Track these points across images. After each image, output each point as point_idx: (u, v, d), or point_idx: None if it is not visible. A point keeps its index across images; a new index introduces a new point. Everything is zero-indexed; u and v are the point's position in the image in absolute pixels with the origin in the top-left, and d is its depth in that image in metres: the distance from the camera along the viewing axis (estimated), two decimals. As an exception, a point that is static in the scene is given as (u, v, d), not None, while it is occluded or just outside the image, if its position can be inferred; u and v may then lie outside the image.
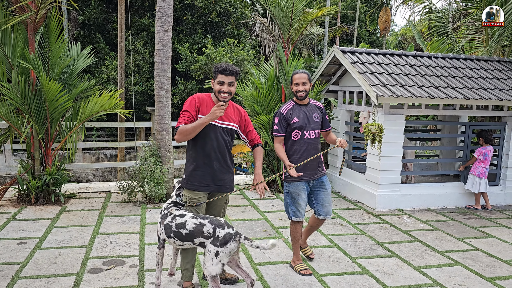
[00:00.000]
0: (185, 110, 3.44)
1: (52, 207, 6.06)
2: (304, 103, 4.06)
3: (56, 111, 6.09)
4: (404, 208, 6.70)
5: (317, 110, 4.10)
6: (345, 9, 28.14)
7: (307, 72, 4.02)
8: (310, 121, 3.99)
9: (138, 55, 13.13)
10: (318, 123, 4.05)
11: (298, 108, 4.03)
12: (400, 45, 36.07)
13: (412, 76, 6.77)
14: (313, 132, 4.01)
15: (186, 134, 3.37)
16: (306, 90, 3.97)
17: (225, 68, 3.36)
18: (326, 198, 4.13)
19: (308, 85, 3.96)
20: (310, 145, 4.00)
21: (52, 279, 3.86)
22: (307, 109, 4.03)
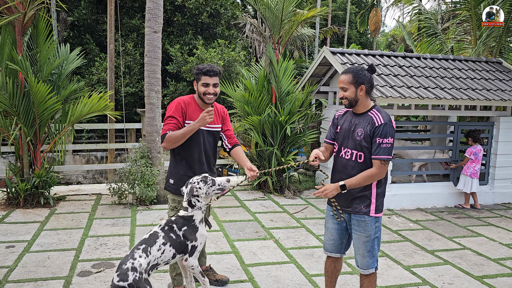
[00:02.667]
0: (171, 116, 3.35)
1: (41, 210, 6.00)
2: (358, 112, 2.99)
3: (44, 113, 6.04)
4: (394, 208, 6.74)
5: (367, 124, 2.91)
6: (336, 10, 28.25)
7: (354, 71, 2.93)
8: (350, 136, 2.98)
9: (128, 56, 13.07)
10: (359, 142, 2.90)
11: (348, 115, 3.08)
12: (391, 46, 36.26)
13: (401, 76, 6.82)
14: (349, 152, 2.97)
15: (175, 141, 3.30)
16: (348, 97, 2.94)
17: (209, 69, 3.32)
18: (356, 243, 3.05)
19: (349, 91, 2.91)
20: (343, 167, 3.00)
21: (40, 282, 3.83)
22: (358, 120, 2.97)
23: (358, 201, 2.95)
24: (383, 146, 2.82)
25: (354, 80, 2.89)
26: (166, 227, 2.99)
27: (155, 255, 2.84)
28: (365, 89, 2.90)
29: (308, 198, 7.20)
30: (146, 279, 2.71)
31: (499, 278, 4.28)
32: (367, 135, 2.87)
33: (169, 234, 2.96)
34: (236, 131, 7.62)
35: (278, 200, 6.97)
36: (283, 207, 6.57)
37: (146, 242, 2.86)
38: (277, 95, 7.36)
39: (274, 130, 7.25)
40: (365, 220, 2.96)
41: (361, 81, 2.88)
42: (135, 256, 2.74)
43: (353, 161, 2.94)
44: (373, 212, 2.96)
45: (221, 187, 3.06)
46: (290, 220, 5.91)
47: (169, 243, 2.93)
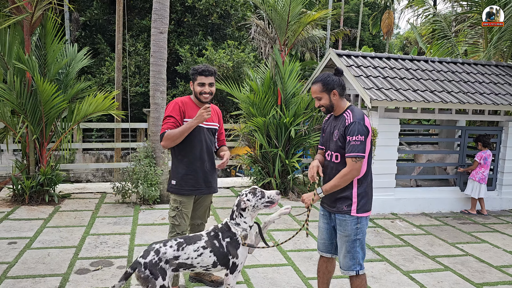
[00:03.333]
0: (169, 115, 3.41)
1: (46, 207, 6.08)
2: (336, 114, 3.08)
3: (51, 111, 6.13)
4: (398, 212, 6.67)
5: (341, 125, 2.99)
6: (349, 12, 28.11)
7: (322, 79, 2.99)
8: (331, 138, 3.08)
9: (138, 56, 13.18)
10: (336, 143, 3.00)
11: (331, 118, 3.16)
12: (405, 48, 35.98)
13: (407, 79, 6.76)
14: (330, 154, 3.07)
15: (173, 139, 3.35)
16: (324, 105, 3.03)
17: (204, 69, 3.37)
18: (338, 242, 3.10)
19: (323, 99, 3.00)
20: (327, 168, 3.09)
21: (38, 279, 3.88)
22: (335, 123, 3.07)
23: (340, 201, 3.01)
24: (352, 144, 2.87)
25: (324, 88, 2.98)
26: (212, 232, 2.99)
27: (189, 254, 2.84)
28: (338, 93, 2.98)
29: (311, 200, 7.16)
30: (163, 268, 2.76)
31: (500, 285, 4.21)
32: (341, 135, 2.96)
33: (212, 240, 2.94)
34: (241, 132, 7.63)
35: (281, 202, 6.95)
36: (285, 209, 6.54)
37: (186, 239, 2.91)
38: (283, 96, 7.34)
39: (278, 132, 7.23)
40: (345, 219, 3.00)
41: (331, 87, 2.97)
42: (166, 244, 2.84)
43: (333, 162, 3.03)
44: (354, 212, 2.98)
45: (270, 199, 2.98)
46: (292, 223, 5.89)
47: (210, 249, 2.90)
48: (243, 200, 2.94)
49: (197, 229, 3.81)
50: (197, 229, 3.81)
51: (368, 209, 3.05)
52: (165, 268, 2.78)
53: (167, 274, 2.78)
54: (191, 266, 2.87)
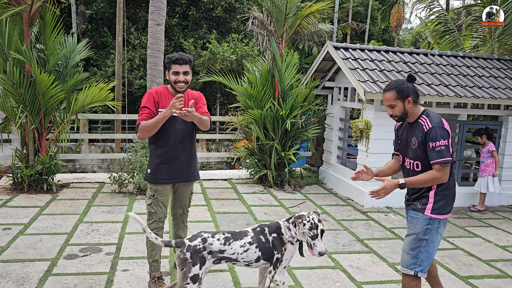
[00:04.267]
0: (144, 106, 3.41)
1: (44, 196, 6.21)
2: (410, 121, 2.97)
3: (49, 102, 6.23)
4: (394, 205, 6.66)
5: (418, 132, 2.89)
6: (358, 6, 27.84)
7: (396, 86, 2.87)
8: (408, 146, 2.99)
9: (143, 49, 13.27)
10: (415, 151, 2.91)
11: (405, 125, 3.06)
12: (416, 43, 35.57)
13: (405, 73, 6.71)
14: (409, 162, 2.99)
15: (148, 130, 3.34)
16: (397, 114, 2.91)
17: (178, 57, 3.36)
18: (406, 238, 3.02)
19: (397, 107, 2.88)
20: (407, 176, 3.03)
21: (27, 263, 3.98)
22: (411, 130, 2.97)
23: (417, 199, 2.94)
24: (437, 150, 2.77)
25: (399, 95, 2.85)
26: (258, 228, 2.98)
27: (235, 250, 2.85)
28: (412, 101, 2.87)
29: (307, 193, 7.19)
30: (203, 257, 2.78)
31: (486, 279, 4.20)
32: (420, 142, 2.85)
33: (258, 236, 2.93)
34: (239, 125, 7.66)
35: (277, 194, 6.99)
36: (280, 201, 6.59)
37: (233, 235, 2.91)
38: (280, 89, 7.36)
39: (275, 124, 7.26)
40: (417, 217, 2.92)
41: (406, 94, 2.85)
42: (215, 236, 2.87)
43: (413, 171, 2.94)
44: (428, 211, 2.88)
45: (312, 243, 2.82)
46: (284, 214, 5.93)
47: (255, 244, 2.89)
48: (303, 219, 2.85)
49: (180, 218, 3.85)
50: (180, 218, 3.85)
51: (445, 212, 2.90)
52: (206, 258, 2.80)
53: (206, 264, 2.80)
54: (235, 260, 2.88)
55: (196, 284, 2.77)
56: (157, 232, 3.59)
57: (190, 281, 2.75)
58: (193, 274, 2.75)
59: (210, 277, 3.88)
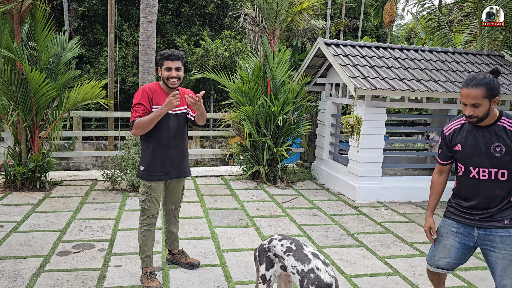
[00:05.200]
0: (138, 103, 3.43)
1: (37, 194, 6.22)
2: (483, 124, 2.57)
3: (41, 99, 6.23)
4: (384, 200, 6.73)
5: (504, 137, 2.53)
6: (351, 2, 27.90)
7: (487, 82, 2.45)
8: (482, 154, 2.58)
9: (136, 46, 13.25)
10: (500, 159, 2.53)
11: (465, 129, 2.67)
12: (410, 39, 35.71)
13: (395, 69, 6.78)
14: (487, 171, 2.58)
15: (143, 127, 3.38)
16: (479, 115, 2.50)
17: (170, 53, 3.41)
18: (501, 264, 2.60)
19: (482, 107, 2.47)
20: (479, 188, 2.64)
21: (20, 260, 4.01)
22: (486, 134, 2.57)
23: (500, 213, 2.57)
24: None
25: (488, 94, 2.43)
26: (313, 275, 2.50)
27: (288, 264, 2.64)
28: (498, 100, 2.49)
29: (300, 188, 7.25)
30: (270, 258, 2.70)
31: (473, 271, 4.28)
32: (510, 148, 2.48)
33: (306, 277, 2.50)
34: (231, 121, 7.70)
35: (269, 190, 7.04)
36: (272, 196, 6.64)
37: (296, 250, 2.65)
38: (272, 85, 7.40)
39: (267, 121, 7.30)
40: (510, 235, 2.55)
41: (496, 93, 2.45)
42: (282, 240, 2.72)
43: (493, 181, 2.56)
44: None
45: None
46: (276, 209, 5.98)
47: (299, 277, 2.54)
48: None
49: (171, 214, 3.90)
50: (171, 214, 3.90)
51: None
52: (274, 260, 2.71)
53: (274, 268, 2.70)
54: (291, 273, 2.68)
55: (265, 286, 2.70)
56: (150, 228, 3.63)
57: (261, 280, 2.72)
58: (261, 274, 2.72)
59: (202, 271, 3.93)
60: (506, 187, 2.55)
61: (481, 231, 2.64)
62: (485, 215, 2.61)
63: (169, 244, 4.02)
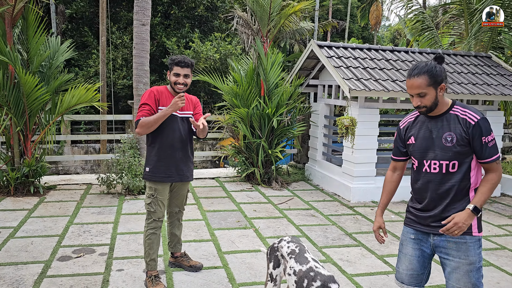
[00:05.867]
0: (145, 103, 3.47)
1: (31, 198, 6.15)
2: (435, 114, 2.43)
3: (34, 103, 6.17)
4: (378, 200, 6.82)
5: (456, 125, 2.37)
6: (337, 4, 28.17)
7: (428, 69, 2.32)
8: (434, 145, 2.43)
9: (126, 49, 13.19)
10: (451, 149, 2.36)
11: (419, 121, 2.53)
12: (395, 40, 36.17)
13: (387, 70, 6.89)
14: (437, 164, 2.41)
15: (148, 126, 3.42)
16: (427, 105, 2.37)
17: (181, 60, 3.44)
18: (454, 274, 2.39)
19: (428, 96, 2.33)
20: (429, 183, 2.46)
21: (21, 266, 3.97)
22: (438, 124, 2.43)
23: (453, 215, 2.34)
24: (491, 145, 2.30)
25: (432, 81, 2.31)
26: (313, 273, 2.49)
27: (288, 266, 2.65)
28: (445, 87, 2.36)
29: (295, 190, 7.31)
30: (278, 258, 2.76)
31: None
32: (462, 137, 2.33)
33: (303, 277, 2.50)
34: (225, 123, 7.72)
35: (265, 191, 7.08)
36: (268, 198, 6.68)
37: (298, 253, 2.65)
38: (266, 87, 7.44)
39: (262, 123, 7.34)
40: (465, 241, 2.35)
41: (440, 79, 2.32)
42: (290, 242, 2.75)
43: (443, 174, 2.39)
44: (476, 231, 2.37)
45: None
46: (273, 211, 6.02)
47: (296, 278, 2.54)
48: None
49: (175, 216, 3.92)
50: (175, 216, 3.92)
51: (481, 224, 2.43)
52: (280, 260, 2.73)
53: (280, 267, 2.73)
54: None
55: (272, 284, 2.72)
56: (156, 232, 3.64)
57: (269, 277, 2.76)
58: (270, 272, 2.76)
59: (205, 274, 3.95)
60: (456, 181, 2.37)
61: (436, 237, 2.44)
62: (437, 218, 2.41)
63: (171, 247, 4.03)
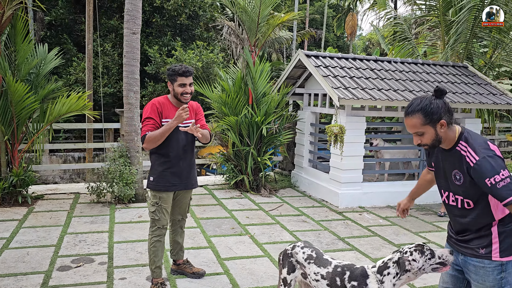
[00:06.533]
0: (148, 117, 3.51)
1: (19, 209, 6.04)
2: (445, 148, 2.28)
3: (22, 112, 6.09)
4: (365, 205, 7.02)
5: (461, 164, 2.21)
6: (313, 13, 28.70)
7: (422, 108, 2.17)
8: (447, 179, 2.33)
9: (106, 56, 13.08)
10: (461, 187, 2.24)
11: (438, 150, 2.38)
12: (367, 49, 37.03)
13: (372, 79, 7.13)
14: (454, 198, 2.31)
15: (155, 141, 3.47)
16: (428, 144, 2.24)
17: (185, 70, 3.51)
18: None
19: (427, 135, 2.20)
20: (450, 213, 2.40)
21: (20, 277, 3.92)
22: (448, 158, 2.30)
23: (476, 240, 2.26)
24: (501, 186, 2.04)
25: (428, 120, 2.16)
26: (340, 269, 2.59)
27: (310, 272, 2.70)
28: (446, 123, 2.18)
29: (283, 196, 7.43)
30: (292, 264, 2.80)
31: (459, 268, 4.58)
32: (468, 178, 2.17)
33: (334, 277, 2.57)
34: (214, 132, 7.79)
35: (254, 198, 7.17)
36: (259, 205, 6.77)
37: (316, 257, 2.72)
38: (254, 96, 7.56)
39: (250, 131, 7.45)
40: (484, 266, 2.22)
41: (437, 117, 2.16)
42: (304, 248, 2.80)
43: (461, 209, 2.28)
44: (497, 256, 2.20)
45: (441, 260, 2.34)
46: (266, 217, 6.12)
47: (327, 282, 2.59)
48: (408, 260, 2.37)
49: (178, 224, 3.96)
50: (178, 224, 3.96)
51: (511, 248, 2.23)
52: (295, 266, 2.79)
53: (295, 273, 2.79)
54: (310, 284, 2.73)
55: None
56: (160, 239, 3.68)
57: (282, 283, 2.82)
58: (283, 277, 2.81)
59: (208, 280, 4.00)
60: (474, 217, 2.24)
61: (462, 257, 2.34)
62: (462, 240, 2.34)
63: (174, 254, 4.06)
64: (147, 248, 3.78)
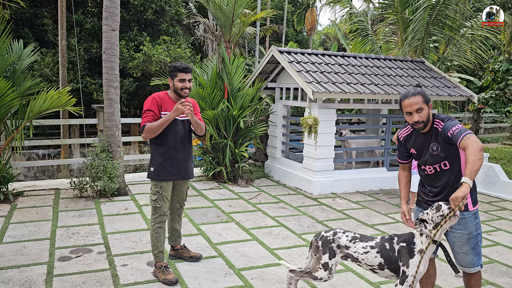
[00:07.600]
0: (148, 109, 3.78)
1: (2, 205, 6.05)
2: (424, 131, 3.01)
3: (1, 109, 6.08)
4: (337, 191, 7.53)
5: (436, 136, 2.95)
6: (273, 8, 29.13)
7: (420, 91, 2.93)
8: (426, 154, 3.00)
9: (72, 52, 12.88)
10: (438, 155, 2.94)
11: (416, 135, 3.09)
12: (324, 44, 37.99)
13: (341, 74, 7.62)
14: (432, 167, 3.00)
15: (154, 131, 3.73)
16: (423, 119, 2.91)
17: (185, 67, 3.81)
18: (456, 242, 3.00)
19: (424, 111, 2.89)
20: (429, 179, 3.06)
21: (23, 268, 4.06)
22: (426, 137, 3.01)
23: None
24: (456, 132, 2.76)
25: (425, 99, 2.89)
26: (387, 236, 2.99)
27: (357, 249, 3.00)
28: (431, 106, 2.94)
29: (260, 186, 7.80)
30: (333, 249, 3.05)
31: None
32: (442, 143, 2.89)
33: (383, 243, 2.94)
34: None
35: (233, 188, 7.50)
36: (238, 194, 7.11)
37: (361, 237, 3.05)
38: (229, 91, 7.86)
39: (227, 124, 7.75)
40: (464, 217, 2.92)
41: (428, 99, 2.92)
42: (345, 232, 3.10)
43: (439, 172, 2.97)
44: (471, 206, 2.94)
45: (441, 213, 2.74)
46: (247, 205, 6.47)
47: (377, 249, 2.94)
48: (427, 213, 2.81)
49: (176, 212, 4.23)
50: (176, 212, 4.23)
51: (477, 198, 2.99)
52: (336, 251, 3.05)
53: (336, 258, 3.04)
54: (357, 260, 3.01)
55: (326, 272, 3.05)
56: (162, 226, 3.94)
57: (322, 267, 3.08)
58: (324, 262, 3.06)
59: (206, 263, 4.30)
60: (451, 173, 2.93)
61: None
62: (440, 200, 2.92)
63: (172, 240, 4.33)
64: (149, 235, 4.03)
